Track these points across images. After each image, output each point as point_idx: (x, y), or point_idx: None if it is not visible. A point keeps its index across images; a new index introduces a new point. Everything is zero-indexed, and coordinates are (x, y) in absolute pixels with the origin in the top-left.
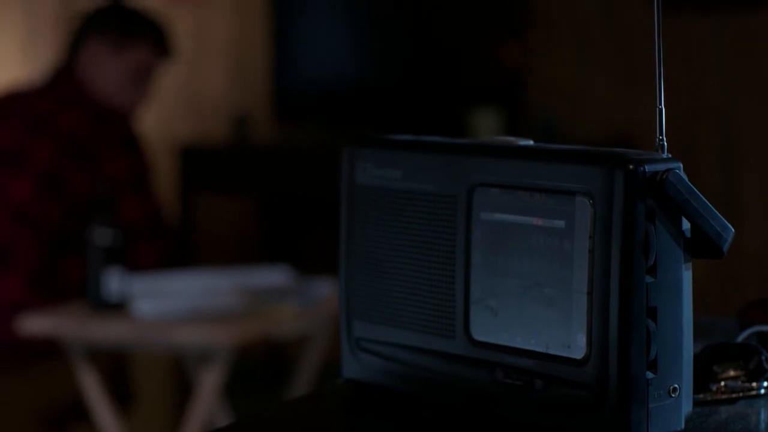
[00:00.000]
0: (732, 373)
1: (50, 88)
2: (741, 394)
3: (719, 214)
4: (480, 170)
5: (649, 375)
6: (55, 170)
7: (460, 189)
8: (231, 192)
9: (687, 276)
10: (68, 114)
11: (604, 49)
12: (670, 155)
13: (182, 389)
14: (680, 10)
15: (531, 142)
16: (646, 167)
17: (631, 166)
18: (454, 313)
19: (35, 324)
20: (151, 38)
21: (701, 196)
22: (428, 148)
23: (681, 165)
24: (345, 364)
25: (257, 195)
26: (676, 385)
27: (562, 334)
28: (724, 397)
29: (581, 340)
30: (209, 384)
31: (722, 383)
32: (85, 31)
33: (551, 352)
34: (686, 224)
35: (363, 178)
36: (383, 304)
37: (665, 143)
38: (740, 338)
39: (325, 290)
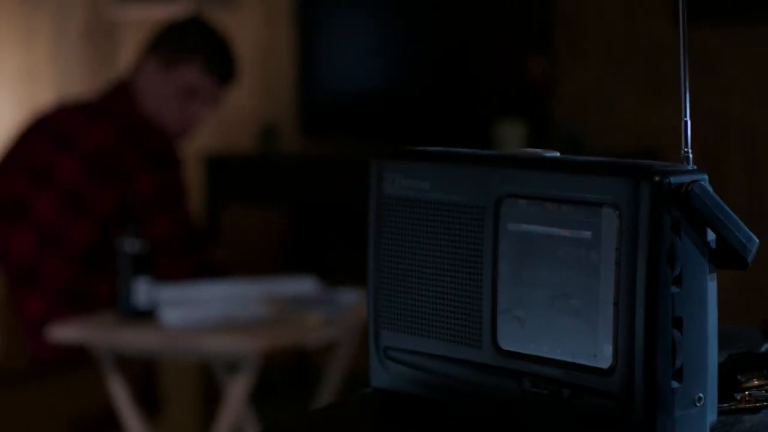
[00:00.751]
0: (756, 382)
1: (87, 103)
2: (765, 403)
3: (744, 225)
4: (507, 182)
5: (675, 384)
6: (81, 186)
7: (487, 200)
8: (257, 202)
9: (712, 286)
10: (96, 128)
11: (630, 62)
12: (695, 167)
13: (210, 397)
14: (699, 23)
15: (557, 154)
16: (671, 179)
17: (656, 178)
18: (482, 323)
19: (65, 333)
20: (203, 58)
21: (726, 207)
22: (456, 159)
23: (706, 176)
24: (373, 373)
25: (284, 206)
26: (701, 395)
27: (588, 343)
28: (748, 406)
29: (608, 349)
30: (237, 392)
31: (746, 392)
32: (145, 47)
33: (578, 361)
34: (711, 235)
35: (391, 189)
36: (411, 313)
37: (690, 155)
38: (764, 348)
39: (352, 299)
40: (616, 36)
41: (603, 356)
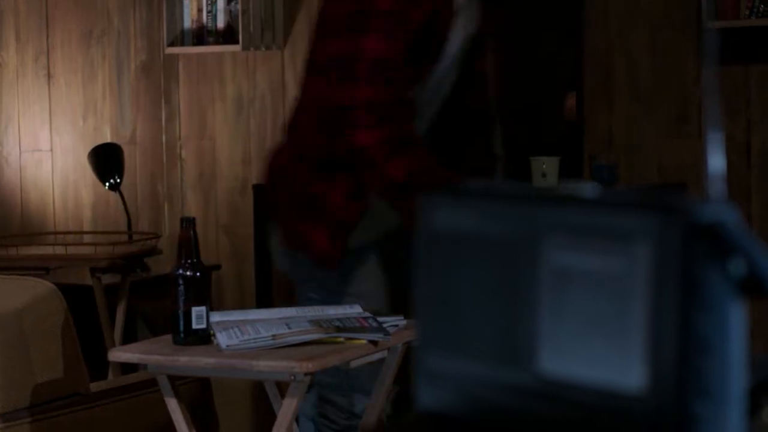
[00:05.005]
0: None
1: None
2: None
3: None
4: (546, 215)
5: (704, 411)
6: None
7: (528, 233)
8: None
9: (740, 314)
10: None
11: (659, 99)
12: (724, 200)
13: (262, 416)
14: (727, 61)
15: (596, 187)
16: (701, 212)
17: (687, 211)
18: (522, 349)
19: (123, 356)
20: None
21: (755, 238)
22: (499, 194)
23: (735, 209)
24: (420, 395)
25: None
26: (729, 419)
27: (622, 370)
28: None
29: (640, 376)
30: (287, 412)
31: None
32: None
33: (611, 387)
34: (740, 266)
35: (437, 223)
36: (456, 338)
37: (720, 188)
38: None
39: (397, 324)
40: (644, 72)
41: (635, 382)
